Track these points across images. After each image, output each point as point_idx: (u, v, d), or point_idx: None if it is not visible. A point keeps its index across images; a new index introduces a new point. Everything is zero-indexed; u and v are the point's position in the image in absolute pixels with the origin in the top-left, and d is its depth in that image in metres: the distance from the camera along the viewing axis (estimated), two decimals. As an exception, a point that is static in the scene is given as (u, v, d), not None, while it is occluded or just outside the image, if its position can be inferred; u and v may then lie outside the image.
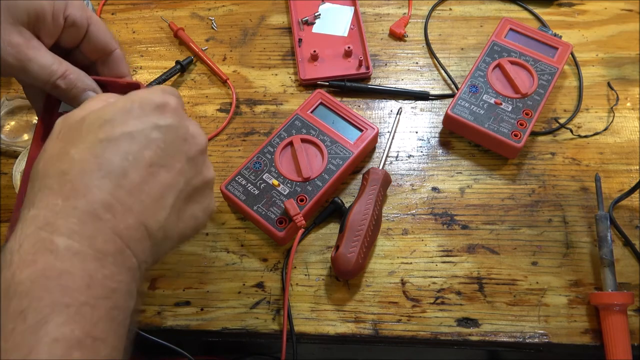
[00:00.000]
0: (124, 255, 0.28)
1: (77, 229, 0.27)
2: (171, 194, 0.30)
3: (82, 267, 0.26)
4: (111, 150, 0.29)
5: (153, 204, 0.29)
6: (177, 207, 0.31)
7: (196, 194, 0.33)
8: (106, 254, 0.27)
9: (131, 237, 0.28)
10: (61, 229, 0.26)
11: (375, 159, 0.55)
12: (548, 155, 0.54)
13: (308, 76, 0.59)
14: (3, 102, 0.58)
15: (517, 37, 0.58)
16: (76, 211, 0.27)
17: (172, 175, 0.31)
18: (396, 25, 0.63)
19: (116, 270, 0.27)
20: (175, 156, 0.31)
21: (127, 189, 0.29)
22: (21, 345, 0.24)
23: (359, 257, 0.46)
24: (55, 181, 0.28)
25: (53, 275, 0.26)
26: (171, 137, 0.31)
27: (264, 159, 0.51)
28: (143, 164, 0.29)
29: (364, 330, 0.46)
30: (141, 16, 0.66)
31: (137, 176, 0.29)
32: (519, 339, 0.46)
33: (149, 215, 0.29)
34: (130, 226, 0.28)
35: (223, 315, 0.47)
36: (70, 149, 0.29)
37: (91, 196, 0.27)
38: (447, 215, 0.51)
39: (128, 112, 0.30)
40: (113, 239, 0.28)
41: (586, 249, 0.50)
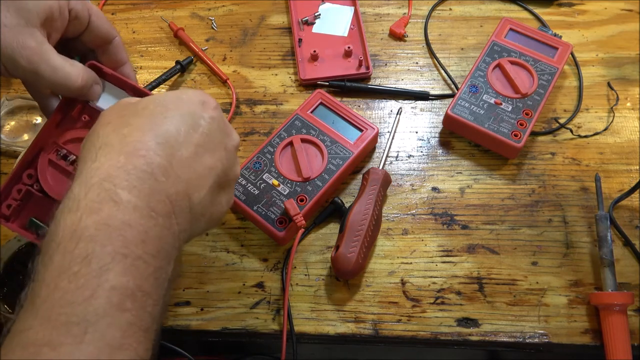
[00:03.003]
0: (171, 220, 0.30)
1: (137, 185, 0.29)
2: (211, 176, 0.33)
3: (140, 222, 0.28)
4: (168, 123, 0.32)
5: (197, 179, 0.32)
6: (213, 190, 0.33)
7: (226, 184, 0.35)
8: (158, 213, 0.29)
9: (178, 204, 0.30)
10: (123, 183, 0.28)
11: (375, 159, 0.55)
12: (548, 155, 0.54)
13: (308, 76, 0.59)
14: (3, 102, 0.58)
15: (517, 37, 0.58)
16: (136, 169, 0.29)
17: (214, 160, 0.33)
18: (396, 25, 0.63)
19: (164, 232, 0.29)
20: (217, 145, 0.34)
21: (179, 160, 0.31)
22: (84, 288, 0.26)
23: (359, 257, 0.46)
24: (117, 141, 0.30)
25: (116, 225, 0.27)
26: (214, 128, 0.34)
27: (264, 159, 0.51)
28: (192, 143, 0.32)
29: (364, 330, 0.46)
30: (141, 16, 0.66)
31: (187, 151, 0.32)
32: (519, 339, 0.46)
33: (193, 188, 0.32)
34: (179, 192, 0.31)
35: (223, 315, 0.47)
36: (130, 119, 0.31)
37: (149, 158, 0.30)
38: (447, 215, 0.51)
39: (179, 99, 0.34)
40: (165, 201, 0.30)
41: (586, 249, 0.50)
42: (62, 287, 0.26)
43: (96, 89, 0.40)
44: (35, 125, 0.57)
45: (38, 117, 0.58)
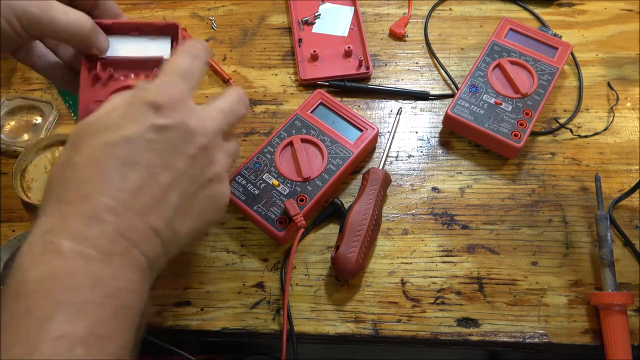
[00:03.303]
0: (131, 255, 0.29)
1: (82, 232, 0.28)
2: (174, 194, 0.31)
3: (87, 267, 0.27)
4: (111, 155, 0.30)
5: (156, 204, 0.30)
6: (183, 206, 0.32)
7: (203, 190, 0.33)
8: (111, 254, 0.28)
9: (137, 237, 0.29)
10: (66, 232, 0.28)
11: (375, 159, 0.55)
12: (548, 155, 0.54)
13: (308, 76, 0.59)
14: (3, 102, 0.58)
15: (517, 37, 0.58)
16: (80, 216, 0.28)
17: (174, 175, 0.31)
18: (396, 25, 0.63)
19: (123, 270, 0.28)
20: (174, 156, 0.31)
21: (129, 191, 0.29)
22: (25, 341, 0.25)
23: (359, 257, 0.46)
24: (62, 188, 0.29)
25: (58, 275, 0.27)
26: (169, 137, 0.31)
27: (264, 159, 0.51)
28: (143, 166, 0.30)
29: (364, 330, 0.46)
30: (141, 16, 0.66)
31: (138, 178, 0.30)
32: (519, 339, 0.46)
33: (153, 215, 0.30)
34: (134, 227, 0.29)
35: (223, 315, 0.47)
36: (75, 157, 0.30)
37: (93, 201, 0.28)
38: (447, 215, 0.51)
39: (125, 116, 0.31)
40: (118, 240, 0.28)
41: (586, 249, 0.50)
42: (5, 344, 0.25)
43: (103, 37, 0.40)
44: (35, 125, 0.57)
45: (38, 117, 0.58)
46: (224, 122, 0.35)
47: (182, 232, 0.32)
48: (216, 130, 0.34)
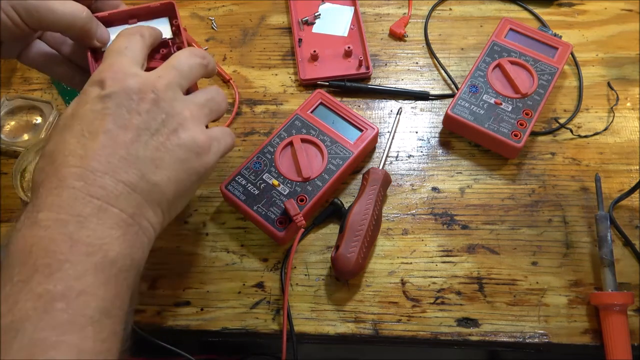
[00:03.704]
0: (108, 213, 0.31)
1: (54, 202, 0.30)
2: (139, 148, 0.33)
3: (62, 231, 0.29)
4: (68, 134, 0.32)
5: (121, 161, 0.32)
6: (152, 157, 0.33)
7: (169, 139, 0.34)
8: (86, 215, 0.30)
9: (110, 195, 0.31)
10: (40, 205, 0.30)
11: (375, 159, 0.55)
12: (548, 155, 0.54)
13: (308, 76, 0.59)
14: (3, 102, 0.58)
15: (517, 37, 0.58)
16: (50, 189, 0.30)
17: (132, 131, 0.33)
18: (396, 25, 0.63)
19: (101, 228, 0.30)
20: (127, 115, 0.33)
21: (92, 157, 0.31)
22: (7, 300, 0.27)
23: (359, 257, 0.46)
24: (36, 176, 0.32)
25: (35, 243, 0.29)
26: (116, 102, 0.33)
27: (264, 159, 0.51)
28: (99, 132, 0.32)
29: (364, 330, 0.46)
30: (141, 16, 0.66)
31: (97, 144, 0.32)
32: (519, 339, 0.46)
33: (122, 171, 0.32)
34: (104, 186, 0.31)
35: (223, 315, 0.47)
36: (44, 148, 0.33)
37: (60, 174, 0.31)
38: (447, 215, 0.51)
39: (76, 101, 0.34)
40: (90, 201, 0.30)
41: (586, 249, 0.50)
42: None
43: (102, 28, 0.41)
44: (35, 125, 0.57)
45: (38, 117, 0.58)
46: (177, 77, 0.36)
47: (162, 183, 0.33)
48: (166, 84, 0.35)
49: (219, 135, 0.38)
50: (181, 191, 0.35)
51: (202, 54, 0.39)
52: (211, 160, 0.36)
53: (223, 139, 0.38)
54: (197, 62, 0.38)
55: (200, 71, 0.38)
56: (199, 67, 0.38)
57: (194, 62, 0.38)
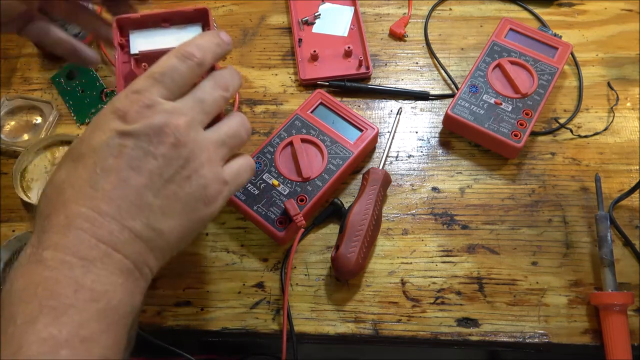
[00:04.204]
0: (113, 258, 0.30)
1: (60, 241, 0.29)
2: (149, 195, 0.31)
3: (68, 274, 0.28)
4: (81, 167, 0.31)
5: (131, 207, 0.31)
6: (162, 205, 0.32)
7: (182, 187, 0.33)
8: (92, 259, 0.29)
9: (116, 241, 0.30)
10: (47, 243, 0.29)
11: (375, 159, 0.55)
12: (548, 155, 0.54)
13: (308, 76, 0.59)
14: (3, 102, 0.58)
15: (517, 37, 0.58)
16: (57, 226, 0.29)
17: (145, 177, 0.31)
18: (396, 25, 0.63)
19: (105, 274, 0.29)
20: (143, 158, 0.31)
21: (101, 198, 0.30)
22: (11, 343, 0.26)
23: (359, 257, 0.46)
24: (44, 205, 0.31)
25: (40, 283, 0.28)
26: (135, 142, 0.31)
27: (264, 159, 0.51)
28: (112, 172, 0.31)
29: (364, 330, 0.46)
30: (141, 16, 0.66)
31: (108, 184, 0.30)
32: (519, 339, 0.46)
33: (129, 218, 0.31)
34: (112, 231, 0.30)
35: (223, 315, 0.47)
36: (54, 176, 0.32)
37: (68, 211, 0.30)
38: (447, 215, 0.51)
39: (93, 128, 0.32)
40: (96, 245, 0.29)
41: (586, 249, 0.50)
42: None
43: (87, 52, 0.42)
44: (35, 125, 0.57)
45: (38, 117, 0.58)
46: (199, 113, 0.34)
47: (167, 232, 0.32)
48: (188, 124, 0.33)
49: (235, 173, 0.36)
50: (185, 237, 0.34)
51: (226, 85, 0.37)
52: (218, 207, 0.35)
53: (239, 176, 0.37)
54: (221, 95, 0.36)
55: (222, 104, 0.37)
56: (222, 100, 0.36)
57: (218, 95, 0.36)
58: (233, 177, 0.36)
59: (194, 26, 0.43)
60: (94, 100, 0.58)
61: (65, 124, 0.58)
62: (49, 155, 0.55)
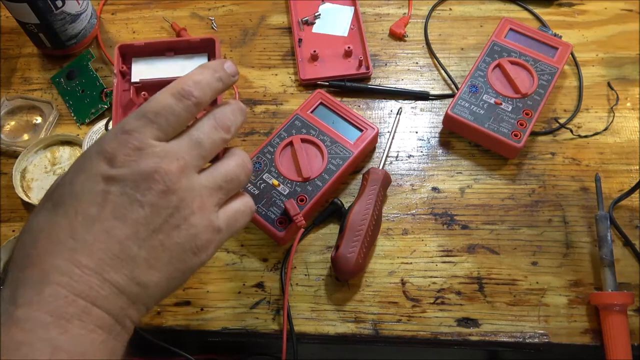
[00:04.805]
0: (92, 315, 0.27)
1: (35, 297, 0.26)
2: (133, 246, 0.29)
3: (43, 335, 0.26)
4: (61, 214, 0.29)
5: (113, 259, 0.28)
6: (146, 257, 0.29)
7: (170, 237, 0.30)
8: (68, 317, 0.27)
9: (95, 295, 0.27)
10: (20, 300, 0.27)
11: (375, 159, 0.55)
12: (548, 155, 0.54)
13: (308, 76, 0.59)
14: (3, 102, 0.58)
15: (517, 37, 0.58)
16: (31, 281, 0.27)
17: (129, 227, 0.29)
18: (396, 25, 0.63)
19: (84, 332, 0.27)
20: (129, 207, 0.29)
21: (80, 250, 0.28)
22: None
23: (359, 257, 0.46)
24: (18, 255, 0.29)
25: (14, 347, 0.25)
26: (121, 188, 0.29)
27: (264, 159, 0.51)
28: (93, 221, 0.28)
29: (364, 330, 0.46)
30: (141, 16, 0.66)
31: (89, 235, 0.28)
32: (519, 339, 0.46)
33: (111, 271, 0.28)
34: (91, 286, 0.27)
35: (223, 315, 0.47)
36: (32, 221, 0.29)
37: (43, 264, 0.27)
38: (447, 215, 0.51)
39: (76, 170, 0.30)
40: (74, 300, 0.27)
41: (586, 249, 0.50)
42: None
43: None
44: (35, 125, 0.57)
45: (38, 117, 0.58)
46: (195, 158, 0.32)
47: (152, 285, 0.30)
48: (181, 169, 0.30)
49: (231, 219, 0.33)
50: (170, 288, 0.31)
51: (227, 126, 0.33)
52: (209, 255, 0.32)
53: (235, 222, 0.34)
54: (221, 138, 0.33)
55: (221, 146, 0.34)
56: (221, 143, 0.33)
57: (218, 137, 0.33)
58: (228, 224, 0.33)
59: (200, 56, 0.41)
60: (94, 100, 0.58)
61: (65, 124, 0.58)
62: (49, 155, 0.55)
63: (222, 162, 0.34)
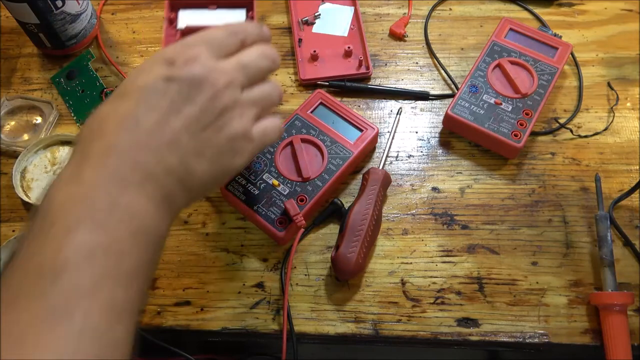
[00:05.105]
0: (147, 186, 0.32)
1: (100, 164, 0.31)
2: (186, 137, 0.34)
3: (105, 192, 0.30)
4: (125, 102, 0.33)
5: (169, 144, 0.33)
6: (196, 148, 0.34)
7: (216, 136, 0.35)
8: (128, 183, 0.31)
9: (151, 171, 0.32)
10: (87, 164, 0.31)
11: (375, 159, 0.55)
12: (548, 155, 0.54)
13: (308, 76, 0.59)
14: (3, 102, 0.58)
15: (517, 37, 0.58)
16: (99, 151, 0.32)
17: (184, 120, 0.34)
18: (396, 25, 0.63)
19: (139, 198, 0.31)
20: (184, 104, 0.34)
21: (142, 132, 0.32)
22: (51, 246, 0.28)
23: (359, 257, 0.46)
24: (85, 132, 0.33)
25: (79, 199, 0.30)
26: (178, 88, 0.34)
27: (264, 159, 0.51)
28: (154, 111, 0.33)
29: (364, 330, 0.46)
30: (141, 16, 0.66)
31: (150, 121, 0.33)
32: (519, 339, 0.46)
33: (166, 154, 0.33)
34: (149, 162, 0.32)
35: (223, 315, 0.47)
36: (99, 109, 0.34)
37: (108, 140, 0.32)
38: (447, 215, 0.51)
39: (140, 70, 0.35)
40: (133, 171, 0.32)
41: (586, 249, 0.50)
42: (32, 251, 0.29)
43: None
44: (35, 125, 0.57)
45: (38, 117, 0.58)
46: (241, 77, 0.37)
47: (198, 172, 0.35)
48: (228, 83, 0.36)
49: (262, 132, 0.39)
50: (211, 182, 0.37)
51: (274, 57, 0.39)
52: (245, 161, 0.38)
53: (265, 136, 0.39)
54: (266, 66, 0.38)
55: (265, 74, 0.39)
56: (266, 71, 0.39)
57: (263, 64, 0.38)
58: (259, 136, 0.38)
59: (239, 10, 0.48)
60: (94, 100, 0.58)
61: (65, 124, 0.58)
62: (49, 155, 0.55)
63: (260, 85, 0.39)
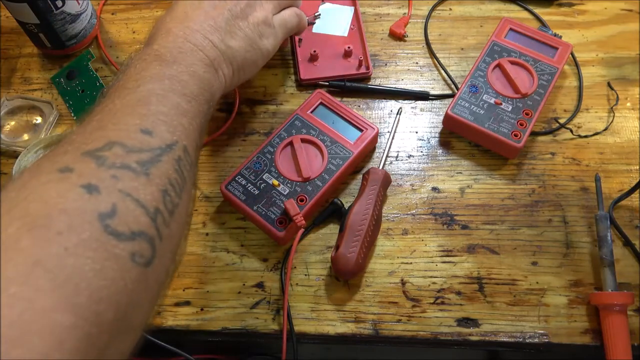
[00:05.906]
0: (198, 54, 0.42)
1: (163, 40, 0.42)
2: (222, 21, 0.45)
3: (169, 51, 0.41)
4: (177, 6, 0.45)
5: (210, 28, 0.44)
6: (230, 30, 0.46)
7: (246, 22, 0.47)
8: (184, 51, 0.41)
9: (200, 44, 0.43)
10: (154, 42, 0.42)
11: (375, 159, 0.55)
12: (548, 155, 0.54)
13: (308, 76, 0.59)
14: (3, 102, 0.58)
15: (517, 37, 0.58)
16: (161, 34, 0.43)
17: (222, 9, 0.46)
18: (396, 25, 0.63)
19: (193, 59, 0.41)
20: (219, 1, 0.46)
21: (191, 20, 0.44)
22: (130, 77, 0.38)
23: (359, 257, 0.46)
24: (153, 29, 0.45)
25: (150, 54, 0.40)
26: None
27: (264, 159, 0.51)
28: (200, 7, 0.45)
29: (364, 330, 0.46)
30: (141, 16, 0.66)
31: (195, 14, 0.44)
32: (519, 339, 0.46)
33: (208, 33, 0.44)
34: (198, 38, 0.43)
35: (223, 315, 0.47)
36: (160, 17, 0.45)
37: (168, 27, 0.43)
38: (447, 215, 0.51)
39: None
40: (187, 43, 0.42)
41: (586, 249, 0.50)
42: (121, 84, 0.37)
43: None
44: (35, 125, 0.57)
45: (38, 117, 0.58)
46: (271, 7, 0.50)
47: (235, 47, 0.46)
48: None
49: (282, 20, 0.51)
50: (247, 59, 0.47)
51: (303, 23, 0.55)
52: (271, 44, 0.50)
53: (285, 22, 0.52)
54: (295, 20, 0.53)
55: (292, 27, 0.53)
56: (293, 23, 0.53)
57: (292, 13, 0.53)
58: (280, 23, 0.51)
59: None
60: (94, 100, 0.58)
61: (65, 124, 0.58)
62: (49, 155, 0.55)
63: None
